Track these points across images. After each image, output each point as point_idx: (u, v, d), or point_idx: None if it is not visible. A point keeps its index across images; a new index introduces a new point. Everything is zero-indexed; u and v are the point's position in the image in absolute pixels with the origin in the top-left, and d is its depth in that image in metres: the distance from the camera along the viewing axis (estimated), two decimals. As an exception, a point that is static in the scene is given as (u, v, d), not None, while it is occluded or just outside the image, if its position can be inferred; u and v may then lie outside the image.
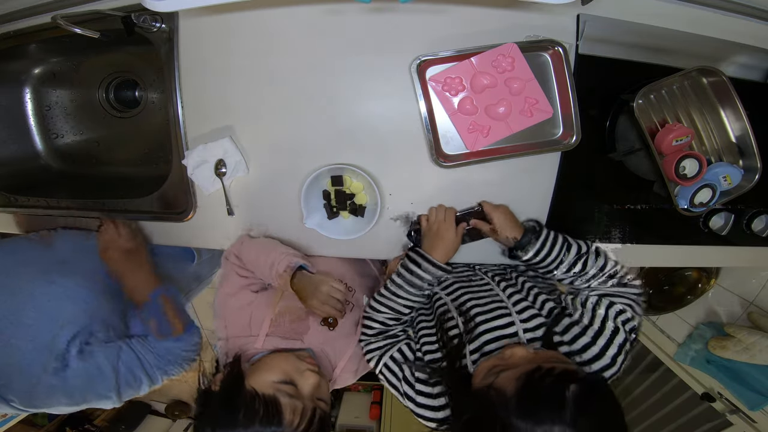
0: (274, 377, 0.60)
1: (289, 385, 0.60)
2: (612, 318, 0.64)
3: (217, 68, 0.76)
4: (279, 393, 0.57)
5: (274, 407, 0.55)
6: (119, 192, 0.94)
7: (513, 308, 0.68)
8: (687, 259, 0.92)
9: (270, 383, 0.59)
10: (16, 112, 1.02)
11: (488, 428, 0.48)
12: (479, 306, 0.70)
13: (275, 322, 0.73)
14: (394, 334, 0.77)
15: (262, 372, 0.61)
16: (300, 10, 0.72)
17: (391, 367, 0.70)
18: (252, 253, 0.78)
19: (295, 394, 0.59)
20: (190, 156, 0.79)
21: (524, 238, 0.72)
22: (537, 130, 0.75)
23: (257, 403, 0.54)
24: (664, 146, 0.74)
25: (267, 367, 0.63)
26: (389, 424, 2.23)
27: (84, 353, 0.65)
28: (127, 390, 0.70)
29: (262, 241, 0.82)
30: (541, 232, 0.73)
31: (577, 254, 0.71)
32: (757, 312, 1.35)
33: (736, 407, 1.36)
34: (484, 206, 0.78)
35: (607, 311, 0.64)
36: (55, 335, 0.64)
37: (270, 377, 0.60)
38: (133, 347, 0.71)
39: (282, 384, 0.59)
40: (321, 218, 0.81)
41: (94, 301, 0.71)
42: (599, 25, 0.72)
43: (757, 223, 0.87)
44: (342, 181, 0.80)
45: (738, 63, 0.78)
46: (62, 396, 0.64)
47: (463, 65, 0.71)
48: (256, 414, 0.53)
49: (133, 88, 1.03)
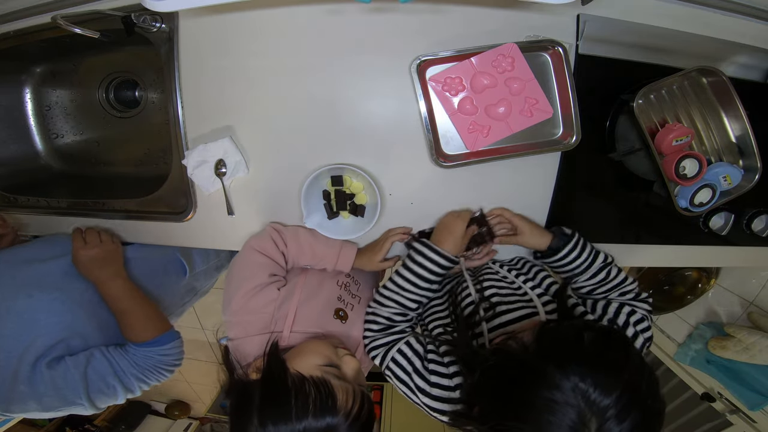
0: (318, 360, 0.57)
1: (334, 368, 0.57)
2: (632, 324, 0.66)
3: (217, 68, 0.76)
4: (327, 375, 0.54)
5: (326, 388, 0.51)
6: (119, 192, 0.94)
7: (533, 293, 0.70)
8: (687, 259, 0.92)
9: (315, 366, 0.55)
10: (16, 112, 1.02)
11: (508, 373, 0.48)
12: (503, 303, 0.70)
13: (298, 316, 0.71)
14: (400, 330, 0.74)
15: (304, 356, 0.58)
16: (300, 10, 0.72)
17: (399, 360, 0.66)
18: (303, 237, 0.79)
19: (342, 377, 0.56)
20: (190, 156, 0.79)
21: (558, 240, 0.75)
22: (537, 130, 0.75)
23: (308, 385, 0.51)
24: (664, 146, 0.74)
25: (308, 351, 0.59)
26: (389, 424, 2.23)
27: (53, 362, 0.66)
28: (99, 397, 0.70)
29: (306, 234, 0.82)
30: (572, 236, 0.75)
31: (603, 262, 0.74)
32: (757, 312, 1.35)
33: (736, 407, 1.36)
34: (505, 214, 0.79)
35: (628, 318, 0.67)
36: (29, 345, 0.66)
37: (314, 360, 0.57)
38: (106, 354, 0.71)
39: (327, 367, 0.56)
40: (321, 218, 0.81)
41: (69, 313, 0.71)
42: (599, 25, 0.72)
43: (757, 223, 0.87)
44: (342, 181, 0.80)
45: (738, 63, 0.77)
46: (33, 402, 0.66)
47: (463, 65, 0.71)
48: (308, 397, 0.50)
49: (133, 88, 1.03)
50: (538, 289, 0.72)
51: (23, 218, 0.96)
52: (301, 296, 0.73)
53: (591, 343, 0.45)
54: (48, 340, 0.67)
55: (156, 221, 0.89)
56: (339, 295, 0.78)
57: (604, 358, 0.44)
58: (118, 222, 0.90)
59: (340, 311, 0.76)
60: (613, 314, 0.68)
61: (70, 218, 0.93)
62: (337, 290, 0.79)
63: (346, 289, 0.81)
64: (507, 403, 0.46)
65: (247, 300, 0.69)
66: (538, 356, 0.46)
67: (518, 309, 0.66)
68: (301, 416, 0.49)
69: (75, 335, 0.70)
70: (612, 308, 0.69)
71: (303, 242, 0.79)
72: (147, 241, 0.91)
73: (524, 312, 0.65)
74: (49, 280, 0.74)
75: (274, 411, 0.50)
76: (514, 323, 0.65)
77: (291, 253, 0.78)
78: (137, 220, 0.89)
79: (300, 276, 0.78)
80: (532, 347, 0.48)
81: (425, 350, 0.67)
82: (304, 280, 0.77)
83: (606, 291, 0.74)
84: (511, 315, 0.66)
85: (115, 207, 0.90)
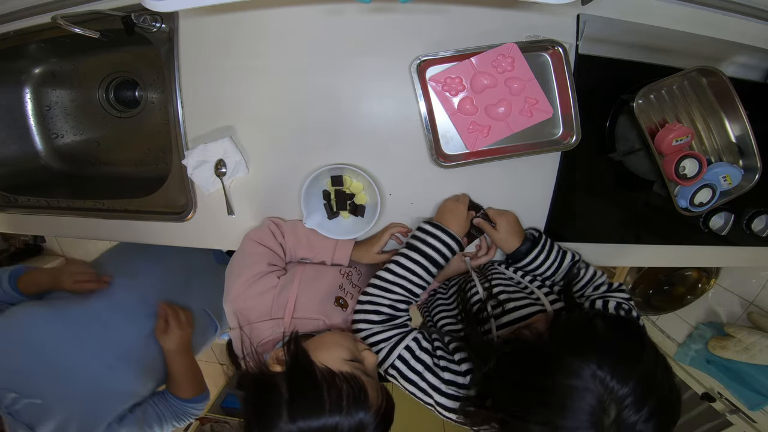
0: (344, 354, 0.54)
1: (358, 362, 0.55)
2: (613, 309, 0.67)
3: (217, 68, 0.76)
4: (356, 370, 0.52)
5: (357, 384, 0.49)
6: (119, 192, 0.94)
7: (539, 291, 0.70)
8: (687, 259, 0.92)
9: (341, 359, 0.53)
10: (16, 112, 1.02)
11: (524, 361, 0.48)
12: (507, 293, 0.71)
13: (298, 304, 0.70)
14: (402, 323, 0.69)
15: (327, 349, 0.55)
16: (300, 10, 0.72)
17: (407, 358, 0.62)
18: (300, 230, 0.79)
19: (367, 373, 0.54)
20: (190, 156, 0.79)
21: (523, 246, 0.76)
22: (537, 130, 0.75)
23: (338, 381, 0.49)
24: (664, 146, 0.74)
25: (332, 344, 0.57)
26: (389, 424, 2.23)
27: (119, 419, 0.79)
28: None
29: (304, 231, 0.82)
30: (538, 240, 0.76)
31: (571, 261, 0.77)
32: (757, 312, 1.35)
33: (736, 407, 1.36)
34: (489, 212, 0.79)
35: (617, 311, 0.68)
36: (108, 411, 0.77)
37: (340, 354, 0.54)
38: (155, 408, 0.86)
39: (352, 362, 0.54)
40: (321, 218, 0.81)
41: (139, 383, 0.84)
42: (599, 25, 0.72)
43: (757, 223, 0.87)
44: (342, 181, 0.80)
45: (738, 63, 0.77)
46: None
47: (463, 65, 0.71)
48: (341, 392, 0.48)
49: (133, 88, 1.03)
50: (545, 288, 0.73)
51: (23, 218, 0.96)
52: (300, 284, 0.73)
53: (605, 331, 0.46)
54: (123, 406, 0.80)
55: (156, 221, 0.89)
56: (340, 284, 0.79)
57: (620, 346, 0.44)
58: (119, 222, 0.90)
59: (341, 299, 0.76)
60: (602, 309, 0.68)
61: (70, 218, 0.93)
62: (339, 278, 0.79)
63: (347, 278, 0.81)
64: (524, 391, 0.46)
65: (247, 287, 0.69)
66: (554, 344, 0.46)
67: (526, 306, 0.66)
68: (333, 412, 0.47)
69: (139, 397, 0.85)
70: (599, 304, 0.69)
71: (300, 235, 0.79)
72: (147, 241, 0.91)
73: (532, 309, 0.65)
74: (133, 355, 0.83)
75: (306, 406, 0.48)
76: (522, 320, 0.65)
77: (289, 245, 0.79)
78: (137, 220, 0.89)
79: (299, 266, 0.78)
80: (546, 336, 0.48)
81: (433, 347, 0.65)
82: (303, 268, 0.77)
83: (580, 288, 0.75)
84: (519, 312, 0.66)
85: (115, 207, 0.90)
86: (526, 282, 0.75)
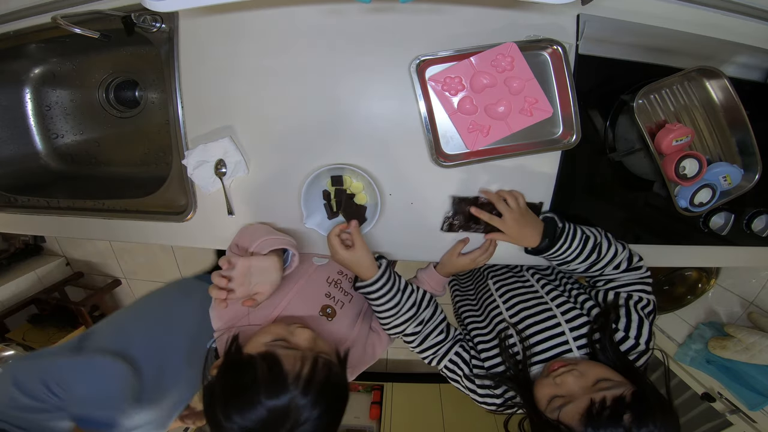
0: (267, 339, 0.60)
1: (283, 341, 0.60)
2: (634, 309, 0.70)
3: (217, 68, 0.76)
4: (274, 347, 0.57)
5: (272, 359, 0.53)
6: (119, 192, 0.94)
7: (557, 310, 0.74)
8: (687, 259, 0.92)
9: (262, 344, 0.59)
10: (16, 112, 1.02)
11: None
12: (531, 316, 0.75)
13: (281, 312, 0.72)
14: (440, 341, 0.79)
15: (254, 339, 0.61)
16: (300, 10, 0.72)
17: (451, 368, 0.77)
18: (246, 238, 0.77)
19: (291, 347, 0.59)
20: (190, 156, 0.79)
21: (541, 244, 0.76)
22: (537, 129, 0.75)
23: (256, 362, 0.53)
24: (664, 146, 0.73)
25: (259, 334, 0.63)
26: (389, 424, 2.23)
27: None
28: None
29: (258, 226, 0.82)
30: (560, 234, 0.75)
31: (594, 245, 0.75)
32: (757, 312, 1.35)
33: (736, 407, 1.36)
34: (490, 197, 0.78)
35: (627, 303, 0.71)
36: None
37: (262, 340, 0.60)
38: None
39: (275, 341, 0.59)
40: (321, 218, 0.81)
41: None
42: (599, 25, 0.71)
43: (757, 223, 0.87)
44: (342, 181, 0.80)
45: (738, 63, 0.77)
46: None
47: (463, 65, 0.71)
48: (256, 372, 0.51)
49: (133, 88, 1.03)
50: (569, 303, 0.75)
51: (23, 218, 0.96)
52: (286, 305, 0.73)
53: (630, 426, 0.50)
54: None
55: (156, 221, 0.89)
56: (327, 292, 0.79)
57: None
58: (119, 222, 0.90)
59: (328, 308, 0.77)
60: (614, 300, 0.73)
61: (70, 218, 0.93)
62: (325, 287, 0.80)
63: (336, 287, 0.81)
64: None
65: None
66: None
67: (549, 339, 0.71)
68: (256, 394, 0.49)
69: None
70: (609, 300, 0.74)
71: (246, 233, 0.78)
72: (147, 240, 0.91)
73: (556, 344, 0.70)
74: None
75: (234, 398, 0.50)
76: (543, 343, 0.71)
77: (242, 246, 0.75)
78: (137, 220, 0.89)
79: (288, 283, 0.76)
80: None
81: (471, 357, 0.77)
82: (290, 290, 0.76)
83: (601, 268, 0.76)
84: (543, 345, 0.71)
85: (115, 207, 0.90)
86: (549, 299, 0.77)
